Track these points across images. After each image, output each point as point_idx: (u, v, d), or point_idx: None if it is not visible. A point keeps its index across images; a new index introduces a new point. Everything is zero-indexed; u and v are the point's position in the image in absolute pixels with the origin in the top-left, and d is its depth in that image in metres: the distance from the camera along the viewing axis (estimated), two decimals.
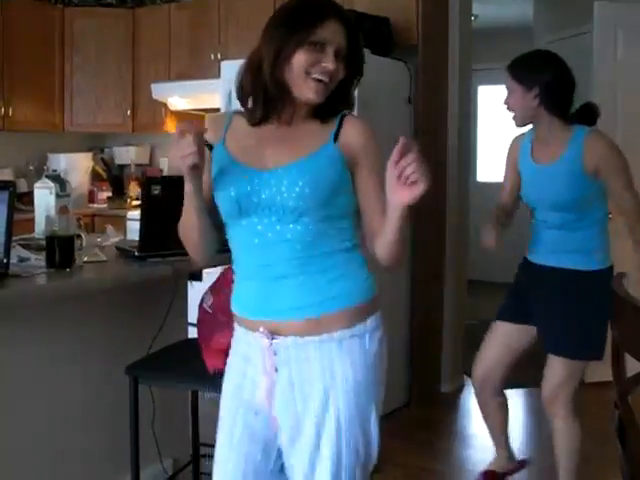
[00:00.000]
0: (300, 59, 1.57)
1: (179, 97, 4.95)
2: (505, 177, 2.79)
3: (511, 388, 4.23)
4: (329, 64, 1.57)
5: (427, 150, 3.95)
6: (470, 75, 4.41)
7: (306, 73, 1.57)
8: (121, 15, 5.37)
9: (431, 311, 4.16)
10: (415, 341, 3.98)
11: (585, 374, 4.38)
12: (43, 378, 2.36)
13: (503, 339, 2.73)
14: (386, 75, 3.72)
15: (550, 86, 2.49)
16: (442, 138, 4.17)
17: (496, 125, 6.61)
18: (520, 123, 2.60)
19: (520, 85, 2.51)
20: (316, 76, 1.57)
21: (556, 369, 2.60)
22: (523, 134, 2.72)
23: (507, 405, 2.87)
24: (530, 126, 2.64)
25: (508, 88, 2.55)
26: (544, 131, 2.56)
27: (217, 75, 4.25)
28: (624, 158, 2.53)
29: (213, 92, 4.29)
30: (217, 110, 4.06)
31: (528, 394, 4.22)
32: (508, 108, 2.58)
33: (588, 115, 2.59)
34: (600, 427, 3.45)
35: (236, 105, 1.78)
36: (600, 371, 3.91)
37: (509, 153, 2.77)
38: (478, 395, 2.84)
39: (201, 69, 4.91)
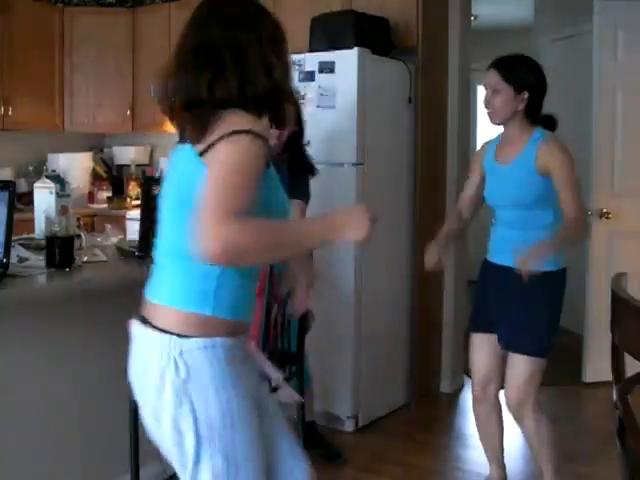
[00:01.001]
0: None
1: None
2: (467, 182, 2.87)
3: None
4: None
5: (427, 150, 3.98)
6: (470, 75, 4.41)
7: None
8: (121, 15, 5.37)
9: (431, 311, 4.16)
10: (415, 341, 3.98)
11: (585, 374, 4.39)
12: (43, 378, 2.36)
13: (487, 349, 2.73)
14: (386, 75, 3.73)
15: (535, 90, 2.60)
16: (442, 138, 4.17)
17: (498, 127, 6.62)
18: (500, 122, 2.64)
19: (510, 87, 2.56)
20: None
21: (520, 369, 2.60)
22: (489, 141, 2.80)
23: (503, 422, 2.85)
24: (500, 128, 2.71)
25: (494, 87, 2.58)
26: (514, 131, 2.62)
27: None
28: (574, 168, 2.55)
29: None
30: None
31: None
32: (490, 106, 2.62)
33: (548, 125, 2.68)
34: (600, 427, 3.47)
35: None
36: (600, 371, 3.92)
37: (475, 157, 2.88)
38: (477, 404, 2.82)
39: None
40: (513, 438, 3.65)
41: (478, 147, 2.93)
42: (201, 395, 1.52)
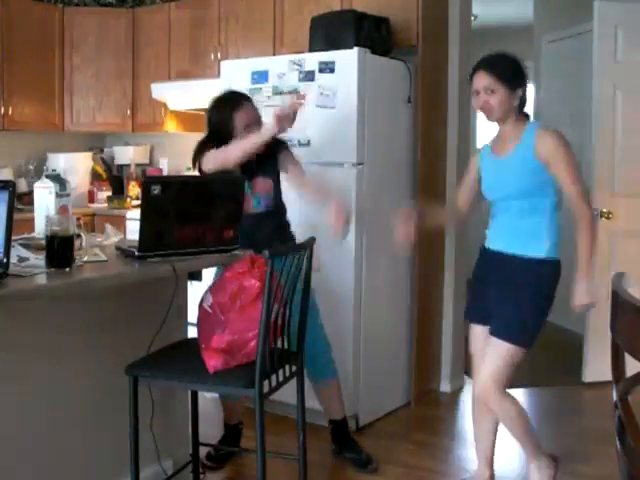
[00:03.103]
0: None
1: (179, 97, 4.95)
2: (463, 181, 2.93)
3: (511, 388, 4.25)
4: None
5: (427, 150, 3.98)
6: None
7: None
8: (121, 15, 5.37)
9: (431, 311, 4.16)
10: (415, 341, 3.98)
11: (585, 374, 4.39)
12: (42, 378, 2.36)
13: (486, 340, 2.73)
14: (386, 75, 3.73)
15: (525, 88, 2.68)
16: (442, 138, 4.17)
17: (496, 124, 6.61)
18: (496, 119, 2.69)
19: (505, 86, 2.60)
20: None
21: (499, 354, 2.59)
22: (485, 144, 2.86)
23: (498, 423, 2.83)
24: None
25: (488, 88, 2.61)
26: (509, 127, 2.68)
27: (217, 75, 4.25)
28: (572, 153, 2.60)
29: (213, 92, 4.28)
30: None
31: (530, 393, 4.22)
32: (486, 107, 2.66)
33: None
34: (600, 427, 3.46)
35: None
36: (600, 371, 3.92)
37: (472, 160, 2.93)
38: (478, 406, 2.82)
39: (201, 69, 4.91)
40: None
41: (478, 147, 2.94)
42: None
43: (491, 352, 2.62)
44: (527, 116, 2.72)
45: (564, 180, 2.56)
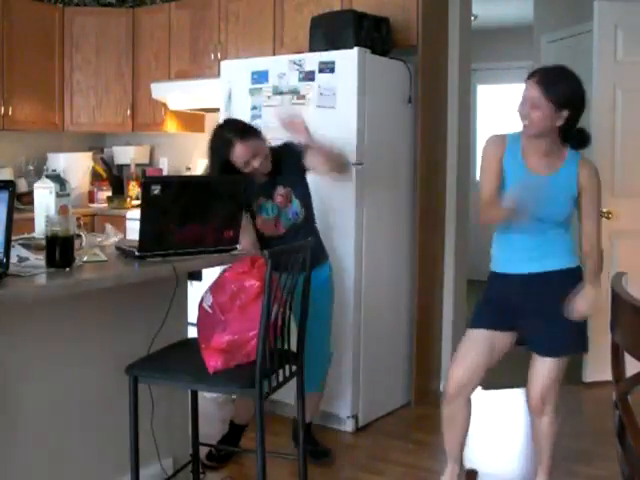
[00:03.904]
0: None
1: (179, 97, 4.95)
2: (486, 179, 2.64)
3: (511, 388, 4.25)
4: None
5: (427, 150, 3.98)
6: (470, 75, 4.41)
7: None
8: (121, 15, 5.37)
9: (431, 311, 4.16)
10: (415, 341, 3.98)
11: (585, 374, 4.39)
12: (42, 378, 2.36)
13: (484, 346, 2.69)
14: (386, 75, 3.72)
15: (576, 110, 2.54)
16: (442, 138, 4.17)
17: (496, 124, 6.62)
18: (535, 134, 2.55)
19: (551, 103, 2.47)
20: None
21: (551, 370, 2.61)
22: (503, 136, 2.68)
23: (471, 418, 2.82)
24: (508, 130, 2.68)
25: (533, 102, 2.48)
26: (546, 145, 2.57)
27: (217, 75, 4.24)
28: (601, 189, 2.63)
29: (213, 92, 4.29)
30: (217, 110, 4.05)
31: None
32: (527, 119, 2.52)
33: (582, 139, 2.63)
34: (600, 427, 3.47)
35: (235, 105, 1.79)
36: (600, 371, 3.92)
37: (493, 151, 2.64)
38: (450, 403, 2.76)
39: (201, 69, 4.91)
40: (510, 438, 3.66)
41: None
42: None
43: (544, 367, 2.63)
44: (567, 138, 2.60)
45: (589, 215, 2.59)
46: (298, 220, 3.08)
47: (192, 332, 2.61)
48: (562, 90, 2.50)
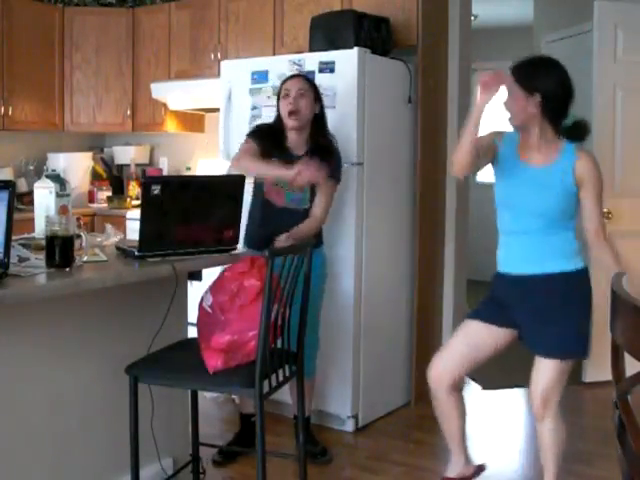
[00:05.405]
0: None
1: (179, 96, 4.95)
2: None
3: (511, 388, 4.25)
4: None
5: (427, 150, 3.98)
6: (470, 75, 4.41)
7: None
8: (121, 14, 5.37)
9: (431, 311, 4.16)
10: (415, 341, 3.98)
11: (585, 374, 4.39)
12: (43, 378, 2.36)
13: (474, 337, 2.68)
14: (386, 75, 3.72)
15: (551, 95, 2.52)
16: (442, 138, 4.17)
17: (495, 124, 6.62)
18: (517, 124, 2.60)
19: (522, 89, 2.51)
20: None
21: (551, 371, 2.58)
22: (502, 132, 2.70)
23: (465, 406, 2.80)
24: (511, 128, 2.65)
25: (509, 90, 2.54)
26: (534, 138, 2.57)
27: (217, 75, 4.25)
28: (602, 180, 2.59)
29: (213, 92, 4.29)
30: (217, 110, 4.05)
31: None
32: (506, 109, 2.59)
33: (578, 132, 2.62)
34: (600, 427, 3.47)
35: (235, 105, 1.79)
36: (600, 371, 3.92)
37: (491, 134, 2.68)
38: (434, 398, 2.75)
39: (201, 69, 4.91)
40: (513, 437, 3.66)
41: (496, 130, 2.78)
42: None
43: (546, 369, 2.59)
44: (559, 131, 2.58)
45: (591, 209, 2.55)
46: (300, 209, 3.09)
47: (192, 332, 2.61)
48: (531, 74, 2.53)
